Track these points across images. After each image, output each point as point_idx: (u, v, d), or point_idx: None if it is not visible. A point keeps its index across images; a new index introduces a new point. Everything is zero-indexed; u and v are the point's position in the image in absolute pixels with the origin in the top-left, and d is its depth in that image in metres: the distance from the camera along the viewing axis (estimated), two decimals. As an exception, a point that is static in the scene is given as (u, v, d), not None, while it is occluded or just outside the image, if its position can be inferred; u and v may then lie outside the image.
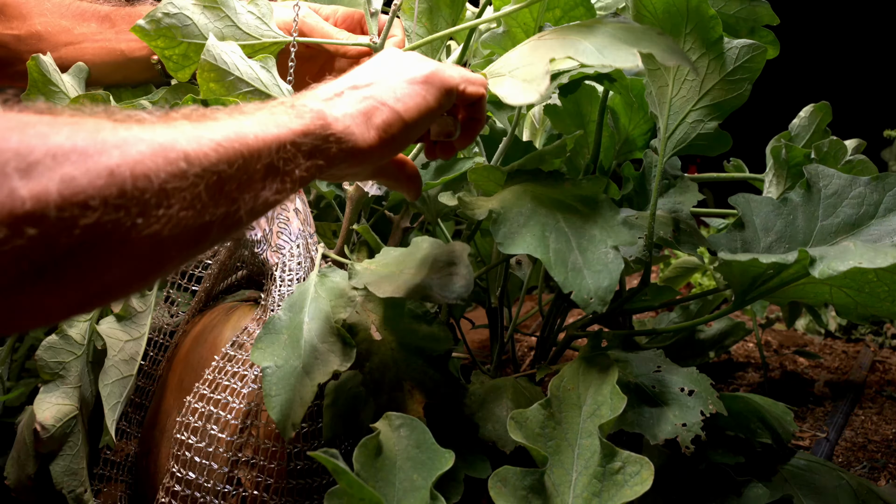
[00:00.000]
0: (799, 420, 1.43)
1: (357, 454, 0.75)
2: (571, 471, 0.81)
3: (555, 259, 0.90)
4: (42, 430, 0.87)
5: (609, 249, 0.93)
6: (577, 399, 0.85)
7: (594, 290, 0.89)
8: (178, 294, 1.08)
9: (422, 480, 0.75)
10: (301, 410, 0.80)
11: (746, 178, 1.43)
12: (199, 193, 0.52)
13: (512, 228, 0.92)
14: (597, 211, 0.97)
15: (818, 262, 0.86)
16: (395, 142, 0.72)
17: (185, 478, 0.91)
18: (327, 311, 0.85)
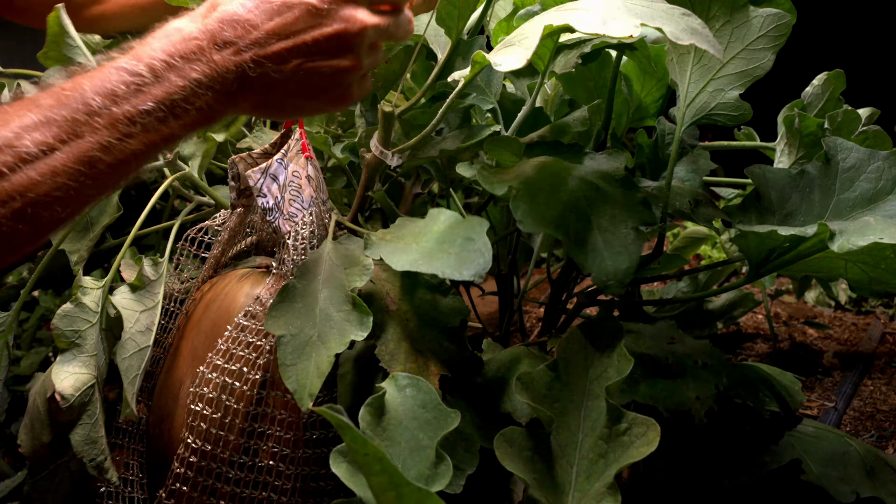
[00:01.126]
0: (807, 390, 1.43)
1: (363, 413, 0.75)
2: (578, 432, 0.80)
3: (575, 240, 0.89)
4: (62, 399, 0.86)
5: (629, 231, 0.91)
6: (583, 361, 0.85)
7: (613, 272, 0.88)
8: (187, 261, 1.06)
9: (427, 440, 0.75)
10: (318, 380, 0.79)
11: (757, 147, 1.41)
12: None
13: (532, 207, 0.90)
14: (618, 188, 0.95)
15: (838, 236, 0.84)
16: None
17: (200, 448, 0.90)
18: (342, 279, 0.84)
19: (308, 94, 0.75)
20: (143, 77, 0.66)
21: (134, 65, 0.66)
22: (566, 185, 0.90)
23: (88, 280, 0.95)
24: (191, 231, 1.06)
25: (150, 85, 0.66)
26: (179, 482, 0.90)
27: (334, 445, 0.93)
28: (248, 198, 1.04)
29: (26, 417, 1.00)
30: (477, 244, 0.81)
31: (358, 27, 0.73)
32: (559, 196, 0.89)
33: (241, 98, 0.72)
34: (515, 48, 0.78)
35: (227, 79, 0.70)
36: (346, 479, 0.71)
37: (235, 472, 0.90)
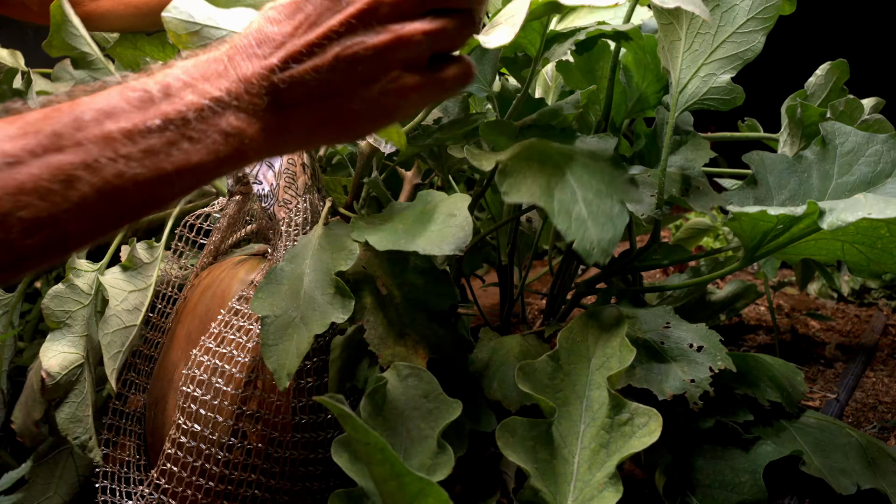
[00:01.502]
0: (809, 381, 1.41)
1: (364, 403, 0.74)
2: (579, 422, 0.79)
3: (559, 208, 0.87)
4: (48, 377, 0.86)
5: (615, 204, 0.91)
6: (585, 351, 0.83)
7: (597, 242, 0.87)
8: (186, 247, 1.06)
9: (429, 429, 0.74)
10: (296, 360, 0.78)
11: (761, 138, 1.40)
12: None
13: (518, 179, 0.89)
14: (605, 167, 0.94)
15: (827, 214, 0.83)
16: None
17: (190, 430, 0.90)
18: (328, 263, 0.83)
19: (363, 92, 0.61)
20: (150, 93, 0.56)
21: (144, 82, 0.57)
22: (553, 160, 0.89)
23: (83, 262, 0.96)
24: (189, 217, 1.06)
25: (159, 102, 0.56)
26: (171, 463, 0.90)
27: (323, 430, 0.93)
28: (246, 185, 1.04)
29: (22, 396, 1.00)
30: (458, 219, 0.80)
31: (406, 37, 0.61)
32: (545, 170, 0.88)
33: (281, 116, 0.60)
34: (502, 27, 0.77)
35: (253, 93, 0.58)
36: (348, 468, 0.71)
37: (225, 454, 0.90)
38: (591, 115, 1.22)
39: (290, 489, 0.93)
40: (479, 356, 0.92)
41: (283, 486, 0.92)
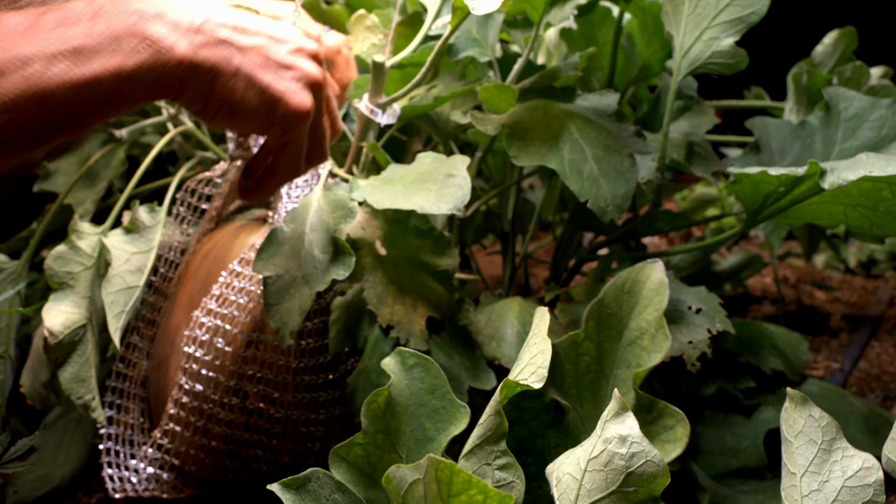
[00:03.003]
0: (814, 351, 1.39)
1: (365, 409, 0.69)
2: (603, 404, 0.74)
3: (570, 169, 0.86)
4: (50, 335, 0.85)
5: (625, 158, 0.89)
6: (618, 323, 0.75)
7: (611, 198, 0.86)
8: (188, 212, 1.05)
9: (434, 431, 0.70)
10: (298, 318, 0.77)
11: (766, 107, 1.37)
12: None
13: (525, 141, 0.88)
14: (610, 122, 0.92)
15: (829, 173, 0.81)
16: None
17: (192, 390, 0.89)
18: (328, 222, 0.82)
19: (260, 82, 0.66)
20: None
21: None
22: (558, 119, 0.88)
23: (86, 225, 0.95)
24: (190, 182, 1.05)
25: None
26: (173, 422, 0.90)
27: (324, 391, 0.92)
28: (248, 150, 1.03)
29: (29, 359, 1.00)
30: (457, 179, 0.79)
31: (319, 64, 0.71)
32: (551, 130, 0.87)
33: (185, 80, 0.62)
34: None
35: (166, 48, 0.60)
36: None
37: (226, 414, 0.89)
38: (595, 82, 1.20)
39: (292, 449, 0.92)
40: (478, 317, 0.91)
41: (285, 446, 0.92)
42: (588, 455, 0.54)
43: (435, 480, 0.47)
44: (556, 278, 1.18)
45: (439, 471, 0.46)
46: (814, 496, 0.62)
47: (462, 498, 0.48)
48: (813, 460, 0.64)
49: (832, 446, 0.64)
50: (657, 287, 0.73)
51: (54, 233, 1.17)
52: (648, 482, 0.52)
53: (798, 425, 0.66)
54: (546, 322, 0.72)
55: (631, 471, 0.53)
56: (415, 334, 0.84)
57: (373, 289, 0.86)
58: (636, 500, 0.52)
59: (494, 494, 0.47)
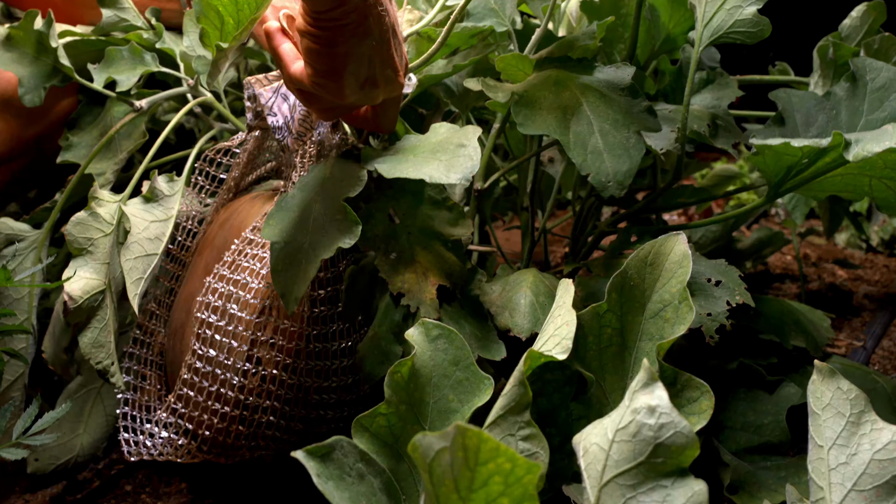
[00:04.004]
0: (836, 330, 1.34)
1: (388, 379, 0.68)
2: (626, 377, 0.72)
3: (574, 141, 0.83)
4: (69, 300, 0.84)
5: (631, 134, 0.86)
6: (640, 296, 0.73)
7: (613, 174, 0.83)
8: (206, 181, 1.03)
9: (457, 402, 0.69)
10: (303, 285, 0.75)
11: (791, 81, 1.32)
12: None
13: (533, 109, 0.85)
14: (622, 96, 0.89)
15: (853, 145, 0.77)
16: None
17: (206, 355, 0.88)
18: (337, 189, 0.79)
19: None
20: None
21: None
22: (568, 90, 0.84)
23: (105, 193, 0.93)
24: (209, 151, 1.03)
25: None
26: (187, 388, 0.88)
27: (336, 359, 0.90)
28: (264, 120, 1.01)
29: (50, 326, 0.99)
30: (467, 149, 0.76)
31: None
32: (561, 101, 0.83)
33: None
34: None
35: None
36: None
37: (240, 380, 0.87)
38: (616, 55, 1.16)
39: (305, 416, 0.90)
40: (491, 287, 0.88)
41: (298, 412, 0.90)
42: (616, 425, 0.52)
43: (462, 448, 0.44)
44: (574, 252, 1.14)
45: (467, 438, 0.44)
46: (841, 469, 0.60)
47: (490, 466, 0.45)
48: (841, 433, 0.61)
49: (861, 419, 0.61)
50: (680, 259, 0.70)
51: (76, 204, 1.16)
52: (677, 453, 0.50)
53: (826, 398, 0.63)
54: (570, 294, 0.70)
55: (660, 442, 0.50)
56: (425, 303, 0.81)
57: (384, 257, 0.83)
58: (664, 471, 0.50)
59: (523, 462, 0.45)
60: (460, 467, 0.45)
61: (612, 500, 0.51)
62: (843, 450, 0.61)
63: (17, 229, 1.00)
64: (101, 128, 1.13)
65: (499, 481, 0.46)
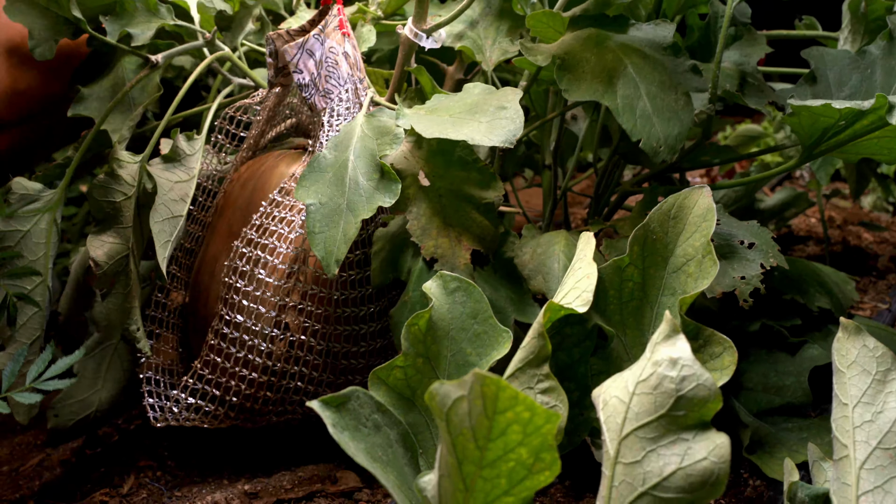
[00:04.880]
0: (860, 292, 1.37)
1: (405, 332, 0.70)
2: (647, 332, 0.74)
3: (623, 106, 0.85)
4: (95, 266, 0.86)
5: (679, 96, 0.87)
6: (663, 249, 0.74)
7: (664, 138, 0.84)
8: (226, 140, 1.04)
9: (475, 356, 0.70)
10: (344, 247, 0.76)
11: (818, 37, 1.33)
12: None
13: (576, 74, 0.86)
14: (665, 55, 0.90)
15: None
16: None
17: (233, 320, 0.90)
18: (373, 148, 0.81)
19: None
20: None
21: None
22: (611, 52, 0.86)
23: (125, 154, 0.94)
24: (229, 109, 1.04)
25: None
26: (213, 353, 0.90)
27: (365, 324, 0.92)
28: (286, 76, 1.01)
29: (67, 287, 1.01)
30: (509, 112, 0.77)
31: None
32: (604, 63, 0.84)
33: None
34: None
35: None
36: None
37: (268, 346, 0.89)
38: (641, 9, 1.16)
39: (333, 382, 0.93)
40: (522, 250, 0.90)
41: (325, 378, 0.92)
42: (637, 378, 0.53)
43: (480, 396, 0.46)
44: (597, 212, 1.16)
45: (485, 386, 0.45)
46: (866, 427, 0.62)
47: (508, 415, 0.47)
48: (866, 391, 0.63)
49: (887, 377, 0.63)
50: (704, 212, 0.72)
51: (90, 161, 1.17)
52: (699, 406, 0.51)
53: (851, 355, 0.65)
54: (591, 247, 0.71)
55: (681, 394, 0.51)
56: (459, 267, 0.83)
57: (416, 220, 0.85)
58: (685, 424, 0.51)
59: (542, 412, 0.46)
60: (478, 416, 0.47)
61: (631, 453, 0.52)
62: (869, 408, 0.62)
63: (32, 189, 1.01)
64: (112, 80, 1.13)
65: (517, 430, 0.47)
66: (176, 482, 0.99)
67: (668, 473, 0.50)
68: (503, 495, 0.50)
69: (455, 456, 0.49)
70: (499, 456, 0.48)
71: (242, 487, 0.92)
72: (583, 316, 0.70)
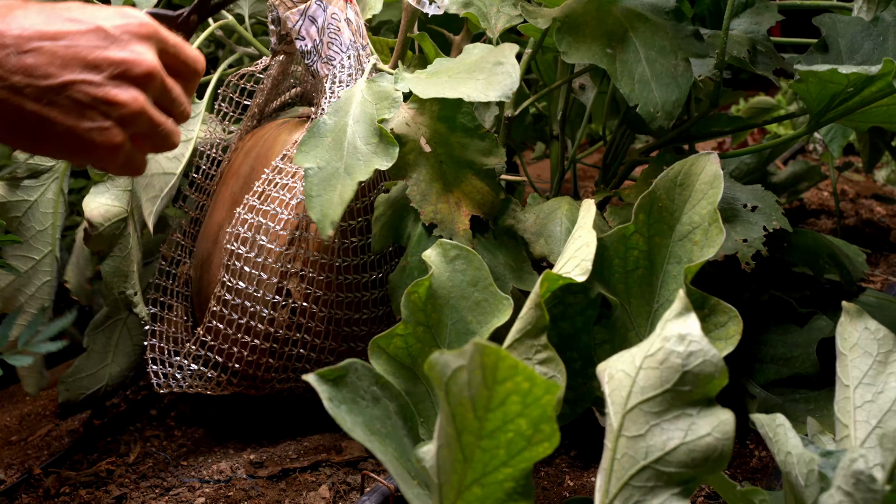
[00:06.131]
0: (872, 265, 1.36)
1: (405, 300, 0.69)
2: (653, 301, 0.73)
3: (621, 70, 0.84)
4: (90, 226, 0.86)
5: (679, 61, 0.86)
6: (669, 217, 0.73)
7: (661, 104, 0.84)
8: (230, 108, 1.04)
9: (476, 324, 0.70)
10: (340, 209, 0.76)
11: (832, 7, 1.31)
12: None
13: (576, 37, 0.86)
14: (667, 20, 0.89)
15: (905, 73, 0.77)
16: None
17: (235, 287, 0.90)
18: (372, 113, 0.81)
19: (63, 126, 0.62)
20: None
21: None
22: (613, 15, 0.85)
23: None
24: (232, 77, 1.04)
25: None
26: (216, 320, 0.91)
27: (367, 291, 0.92)
28: (289, 44, 1.01)
29: (73, 255, 1.01)
30: (505, 66, 0.77)
31: (147, 66, 0.63)
32: (605, 26, 0.84)
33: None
34: None
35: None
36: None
37: (270, 312, 0.90)
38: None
39: (336, 349, 0.93)
40: (525, 215, 0.90)
41: (329, 345, 0.93)
42: (645, 353, 0.53)
43: (480, 366, 0.46)
44: (605, 181, 1.16)
45: (485, 356, 0.45)
46: (867, 407, 0.61)
47: (508, 385, 0.46)
48: (868, 372, 0.62)
49: (888, 358, 0.62)
50: (711, 179, 0.70)
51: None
52: (705, 382, 0.51)
53: (853, 338, 0.64)
54: (592, 214, 0.71)
55: (687, 369, 0.51)
56: (458, 233, 0.83)
57: (416, 186, 0.85)
58: (690, 399, 0.51)
59: (542, 382, 0.46)
60: (478, 386, 0.47)
61: (635, 427, 0.52)
62: (870, 388, 0.62)
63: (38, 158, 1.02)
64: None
65: (517, 401, 0.47)
66: (182, 451, 1.00)
67: (671, 448, 0.50)
68: (502, 466, 0.50)
69: (454, 426, 0.49)
70: (498, 426, 0.48)
71: (248, 457, 0.93)
72: (585, 285, 0.69)
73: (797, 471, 0.55)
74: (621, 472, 0.51)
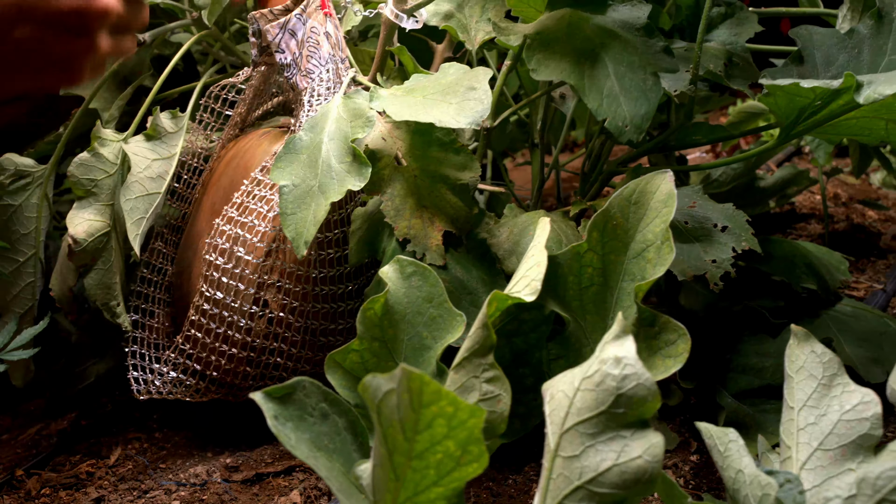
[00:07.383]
0: (858, 272, 1.39)
1: (361, 316, 0.73)
2: (607, 318, 0.75)
3: (589, 85, 0.87)
4: (74, 243, 0.90)
5: (648, 76, 0.89)
6: (624, 235, 0.75)
7: (630, 118, 0.86)
8: (211, 118, 1.08)
9: (431, 339, 0.73)
10: (313, 228, 0.80)
11: (819, 14, 1.34)
12: None
13: (546, 54, 0.88)
14: (638, 36, 0.92)
15: (865, 87, 0.80)
16: None
17: (213, 297, 0.94)
18: (346, 131, 0.84)
19: (28, 69, 0.69)
20: None
21: None
22: (583, 32, 0.88)
23: (108, 132, 0.98)
24: (214, 87, 1.07)
25: None
26: (195, 329, 0.95)
27: (343, 301, 0.96)
28: (271, 55, 1.05)
29: (57, 264, 1.05)
30: (478, 93, 0.80)
31: (100, 6, 0.68)
32: (574, 43, 0.87)
33: None
34: None
35: None
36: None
37: (247, 322, 0.94)
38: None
39: (311, 358, 0.97)
40: (499, 230, 0.93)
41: (304, 354, 0.97)
42: (583, 374, 0.56)
43: (407, 390, 0.49)
44: (584, 191, 1.19)
45: (410, 381, 0.48)
46: (810, 429, 0.64)
47: (433, 409, 0.49)
48: (812, 395, 0.65)
49: (833, 381, 0.64)
50: (665, 198, 0.72)
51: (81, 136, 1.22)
52: (639, 405, 0.53)
53: (800, 361, 0.67)
54: (546, 233, 0.73)
55: (621, 392, 0.53)
56: (430, 249, 0.87)
57: (391, 201, 0.88)
58: (624, 422, 0.53)
59: (465, 406, 0.49)
60: (405, 409, 0.50)
61: (571, 447, 0.54)
62: (813, 411, 0.64)
63: (23, 164, 1.05)
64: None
65: (442, 424, 0.50)
66: (161, 454, 1.04)
67: (604, 469, 0.53)
68: (433, 485, 0.53)
69: (386, 447, 0.52)
70: (426, 448, 0.51)
71: (225, 460, 0.97)
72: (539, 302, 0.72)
73: (749, 492, 0.58)
74: (556, 492, 0.54)
